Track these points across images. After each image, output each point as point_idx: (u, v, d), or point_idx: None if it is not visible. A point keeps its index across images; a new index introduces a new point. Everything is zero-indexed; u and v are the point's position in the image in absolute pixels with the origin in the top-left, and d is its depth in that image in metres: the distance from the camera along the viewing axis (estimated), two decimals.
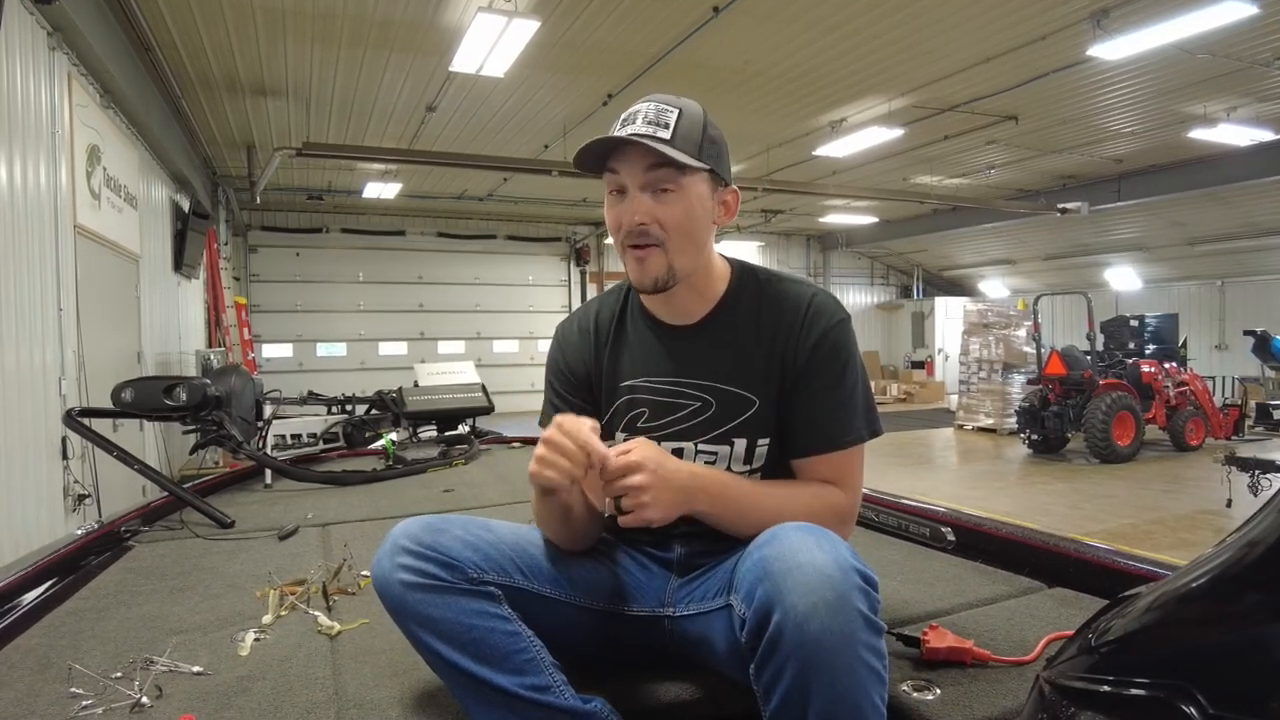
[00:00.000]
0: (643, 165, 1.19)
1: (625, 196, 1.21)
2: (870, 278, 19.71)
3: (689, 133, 1.19)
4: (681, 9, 5.98)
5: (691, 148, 1.19)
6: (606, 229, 12.36)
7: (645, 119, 1.19)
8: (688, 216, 1.21)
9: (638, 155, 1.18)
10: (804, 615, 0.90)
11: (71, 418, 2.62)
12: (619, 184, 1.21)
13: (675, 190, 1.20)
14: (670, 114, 1.19)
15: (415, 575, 1.09)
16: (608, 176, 1.22)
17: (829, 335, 1.24)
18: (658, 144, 1.16)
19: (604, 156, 1.21)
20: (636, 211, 1.19)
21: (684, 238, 1.21)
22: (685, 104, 1.22)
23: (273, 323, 13.82)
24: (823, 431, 1.24)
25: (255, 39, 6.43)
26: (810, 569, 0.93)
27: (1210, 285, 14.47)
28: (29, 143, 4.09)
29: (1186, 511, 6.51)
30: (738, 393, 1.26)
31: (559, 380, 1.39)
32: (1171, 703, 0.60)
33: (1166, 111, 8.61)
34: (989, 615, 1.49)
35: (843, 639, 0.90)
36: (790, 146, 10.05)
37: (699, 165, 1.20)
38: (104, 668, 1.31)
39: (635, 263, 1.22)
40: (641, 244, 1.21)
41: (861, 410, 1.26)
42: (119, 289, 5.99)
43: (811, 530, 1.01)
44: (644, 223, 1.19)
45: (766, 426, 1.26)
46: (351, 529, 2.34)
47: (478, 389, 4.23)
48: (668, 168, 1.18)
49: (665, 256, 1.21)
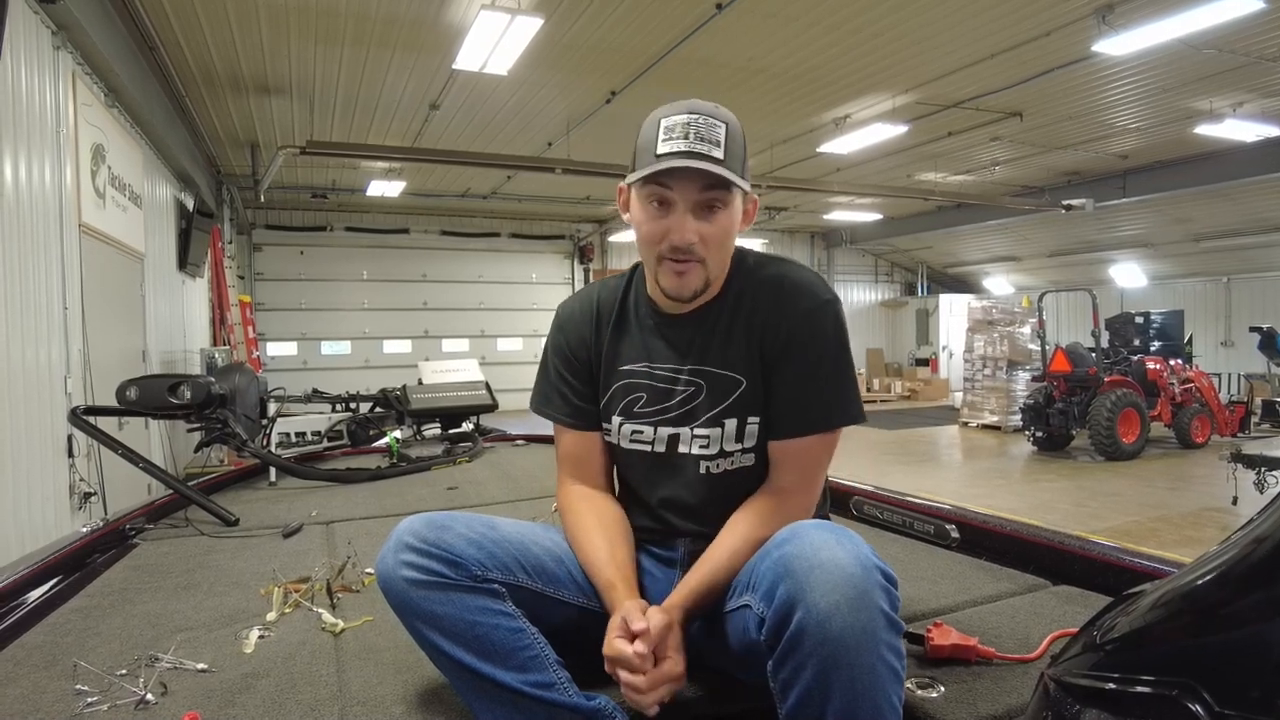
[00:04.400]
0: (698, 186, 1.18)
1: (670, 210, 1.20)
2: (874, 275, 19.67)
3: (735, 150, 1.19)
4: (684, 6, 5.96)
5: (738, 165, 1.20)
6: (610, 227, 12.36)
7: (697, 135, 1.17)
8: (727, 233, 1.23)
9: (693, 175, 1.17)
10: (826, 613, 0.90)
11: (77, 416, 2.62)
12: (667, 198, 1.20)
13: (723, 208, 1.21)
14: (719, 130, 1.18)
15: (419, 572, 1.09)
16: (654, 189, 1.21)
17: (812, 316, 1.24)
18: (715, 166, 1.16)
19: (651, 168, 1.19)
20: (687, 230, 1.19)
21: (721, 250, 1.24)
22: (727, 117, 1.21)
23: (277, 321, 13.84)
24: (797, 413, 1.24)
25: (259, 37, 6.43)
26: (833, 567, 0.93)
27: (1216, 282, 14.40)
28: (34, 142, 4.10)
29: (1192, 509, 6.49)
30: (725, 374, 1.27)
31: (561, 361, 1.39)
32: (1177, 700, 0.60)
33: (1172, 107, 8.56)
34: (993, 613, 1.49)
35: (865, 637, 0.90)
36: (794, 144, 10.03)
37: (745, 187, 1.21)
38: (109, 665, 1.32)
39: (675, 276, 1.22)
40: (683, 259, 1.21)
41: (839, 394, 1.24)
42: (124, 287, 6.01)
43: (831, 528, 1.01)
44: (695, 242, 1.20)
45: (755, 405, 1.26)
46: (355, 527, 2.35)
47: (482, 387, 4.23)
48: (720, 189, 1.19)
49: (705, 271, 1.22)
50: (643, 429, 1.32)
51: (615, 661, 1.07)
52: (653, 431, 1.31)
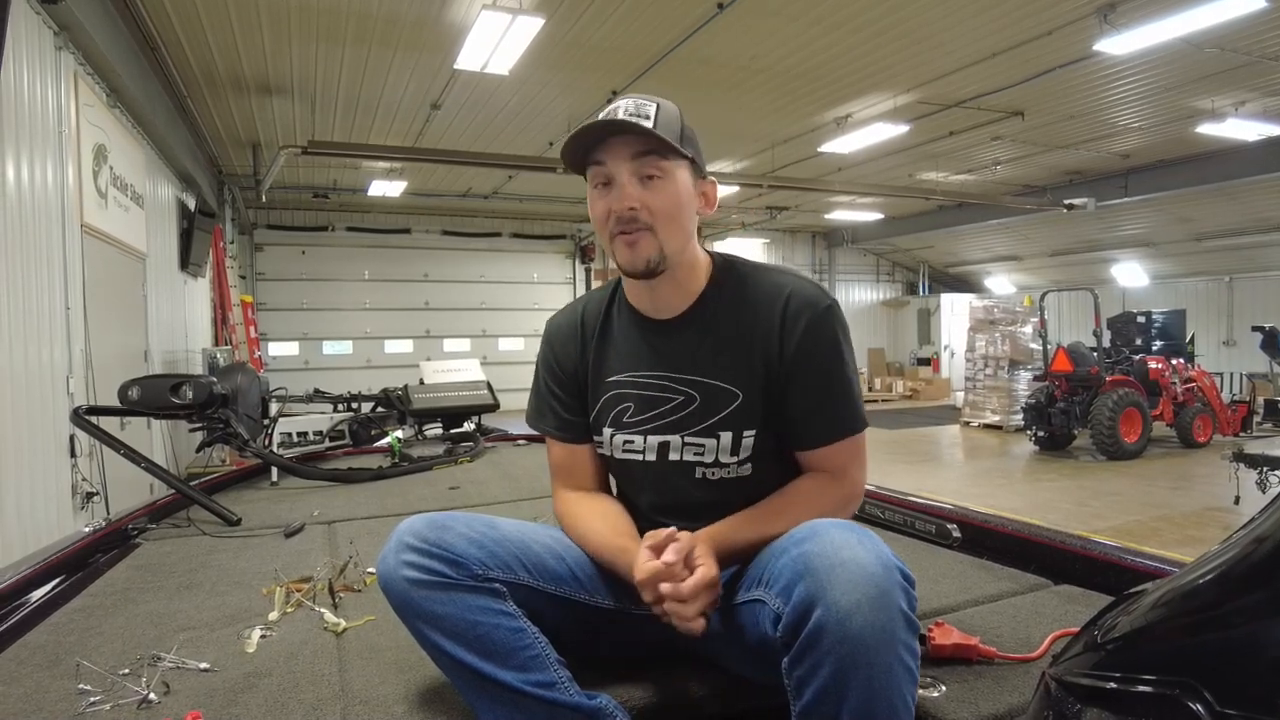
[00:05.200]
0: (629, 153, 1.20)
1: (611, 188, 1.23)
2: (876, 274, 19.66)
3: (668, 123, 1.21)
4: (686, 5, 5.97)
5: (673, 136, 1.21)
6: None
7: (625, 111, 1.20)
8: (674, 203, 1.23)
9: (623, 144, 1.20)
10: (847, 612, 0.90)
11: (79, 416, 2.63)
12: (605, 175, 1.23)
13: (662, 177, 1.21)
14: (649, 106, 1.21)
15: (420, 572, 1.09)
16: (593, 171, 1.24)
17: (816, 325, 1.24)
18: (640, 123, 1.18)
19: (588, 152, 1.22)
20: (626, 198, 1.20)
21: (672, 223, 1.23)
22: (662, 101, 1.24)
23: (278, 321, 13.85)
24: (828, 421, 1.25)
25: (260, 37, 6.44)
26: (854, 566, 0.93)
27: (1218, 281, 14.38)
28: (36, 142, 4.11)
29: (1194, 508, 6.49)
30: (721, 386, 1.26)
31: (549, 375, 1.41)
32: (1178, 700, 0.60)
33: (1174, 106, 8.56)
34: (995, 612, 1.48)
35: (885, 636, 0.90)
36: (795, 143, 10.03)
37: (682, 151, 1.22)
38: (112, 664, 1.32)
39: (626, 248, 1.23)
40: (631, 229, 1.21)
41: (852, 400, 1.26)
42: (126, 287, 6.02)
43: (851, 527, 1.01)
44: (634, 207, 1.20)
45: (752, 419, 1.26)
46: (357, 526, 2.35)
47: (483, 386, 4.23)
48: (653, 155, 1.20)
49: (655, 239, 1.22)
50: (633, 438, 1.32)
51: (651, 579, 1.09)
52: (643, 440, 1.31)
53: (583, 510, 1.33)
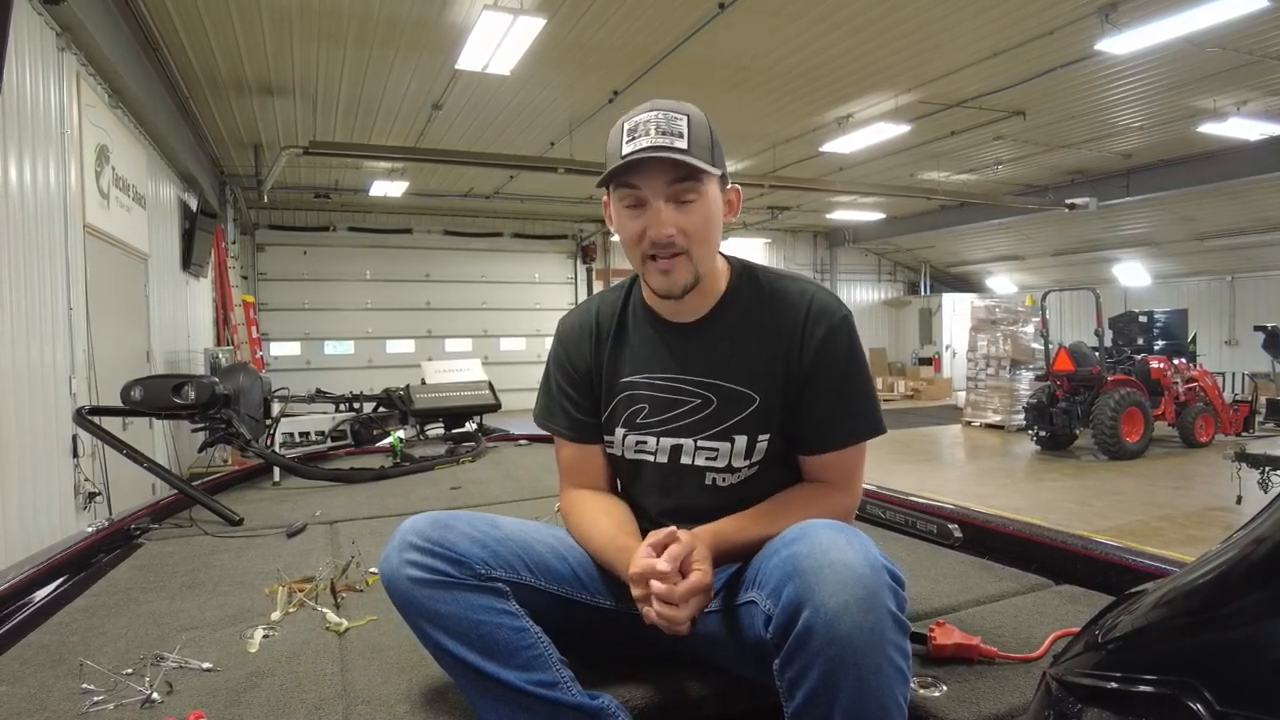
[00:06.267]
0: (665, 179, 1.18)
1: (644, 209, 1.21)
2: (877, 274, 19.65)
3: (701, 138, 1.19)
4: (687, 5, 5.96)
5: (705, 153, 1.19)
6: (614, 231, 12.68)
7: (658, 129, 1.17)
8: (707, 223, 1.22)
9: (659, 169, 1.18)
10: (835, 613, 0.90)
11: (82, 416, 2.63)
12: (638, 198, 1.21)
13: (697, 199, 1.20)
14: (680, 121, 1.18)
15: (423, 571, 1.09)
16: (623, 192, 1.22)
17: (834, 334, 1.25)
18: (679, 155, 1.16)
19: (618, 171, 1.20)
20: (664, 224, 1.19)
21: (705, 244, 1.23)
22: (689, 109, 1.21)
23: (280, 321, 13.86)
24: (830, 429, 1.25)
25: (262, 38, 6.45)
26: (842, 567, 0.93)
27: (1220, 280, 14.37)
28: (38, 143, 4.12)
29: (1196, 508, 6.48)
30: (738, 389, 1.27)
31: (561, 374, 1.40)
32: (1179, 699, 0.60)
33: (1175, 106, 8.55)
34: (996, 612, 1.49)
35: (873, 637, 0.90)
36: (796, 143, 10.02)
37: (716, 171, 1.20)
38: (115, 664, 1.32)
39: (661, 275, 1.22)
40: (666, 254, 1.20)
41: (867, 407, 1.27)
42: (128, 288, 6.03)
43: (841, 528, 1.01)
44: (672, 234, 1.19)
45: (768, 423, 1.26)
46: (359, 526, 2.35)
47: (485, 386, 4.24)
48: (690, 179, 1.19)
49: (691, 264, 1.22)
50: (646, 439, 1.32)
51: (643, 576, 1.09)
52: (655, 442, 1.31)
53: (588, 509, 1.33)
